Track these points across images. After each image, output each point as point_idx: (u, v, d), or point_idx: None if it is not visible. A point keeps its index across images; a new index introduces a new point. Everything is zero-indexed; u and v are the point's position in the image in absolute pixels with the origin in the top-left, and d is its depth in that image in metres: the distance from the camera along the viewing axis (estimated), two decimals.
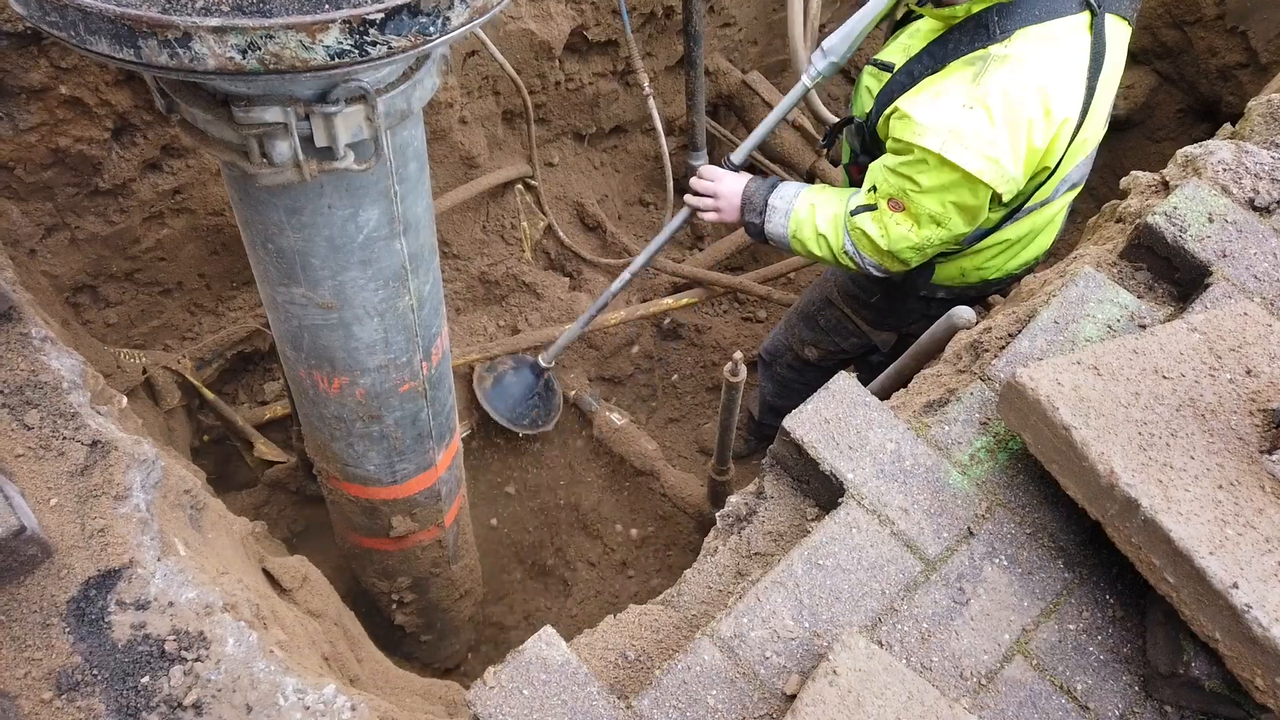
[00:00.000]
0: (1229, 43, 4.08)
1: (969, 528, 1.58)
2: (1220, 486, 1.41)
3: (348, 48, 1.30)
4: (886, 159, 2.32)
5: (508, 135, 3.98)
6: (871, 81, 2.46)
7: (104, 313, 3.11)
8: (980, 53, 2.17)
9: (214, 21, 1.23)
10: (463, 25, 1.39)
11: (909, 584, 1.53)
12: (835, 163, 4.11)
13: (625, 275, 3.29)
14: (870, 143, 2.49)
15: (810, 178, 4.39)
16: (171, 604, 1.59)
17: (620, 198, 4.64)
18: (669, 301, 4.13)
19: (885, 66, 2.41)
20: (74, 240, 2.86)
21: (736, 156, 2.82)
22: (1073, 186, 2.51)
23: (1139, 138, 4.56)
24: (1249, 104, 2.36)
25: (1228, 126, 2.47)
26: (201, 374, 3.33)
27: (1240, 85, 4.08)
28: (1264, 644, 1.25)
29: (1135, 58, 4.41)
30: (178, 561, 1.65)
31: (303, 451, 3.30)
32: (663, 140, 3.74)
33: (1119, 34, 2.31)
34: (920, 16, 2.43)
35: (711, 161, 4.32)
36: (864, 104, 2.50)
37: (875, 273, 2.49)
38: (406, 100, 1.64)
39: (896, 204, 2.31)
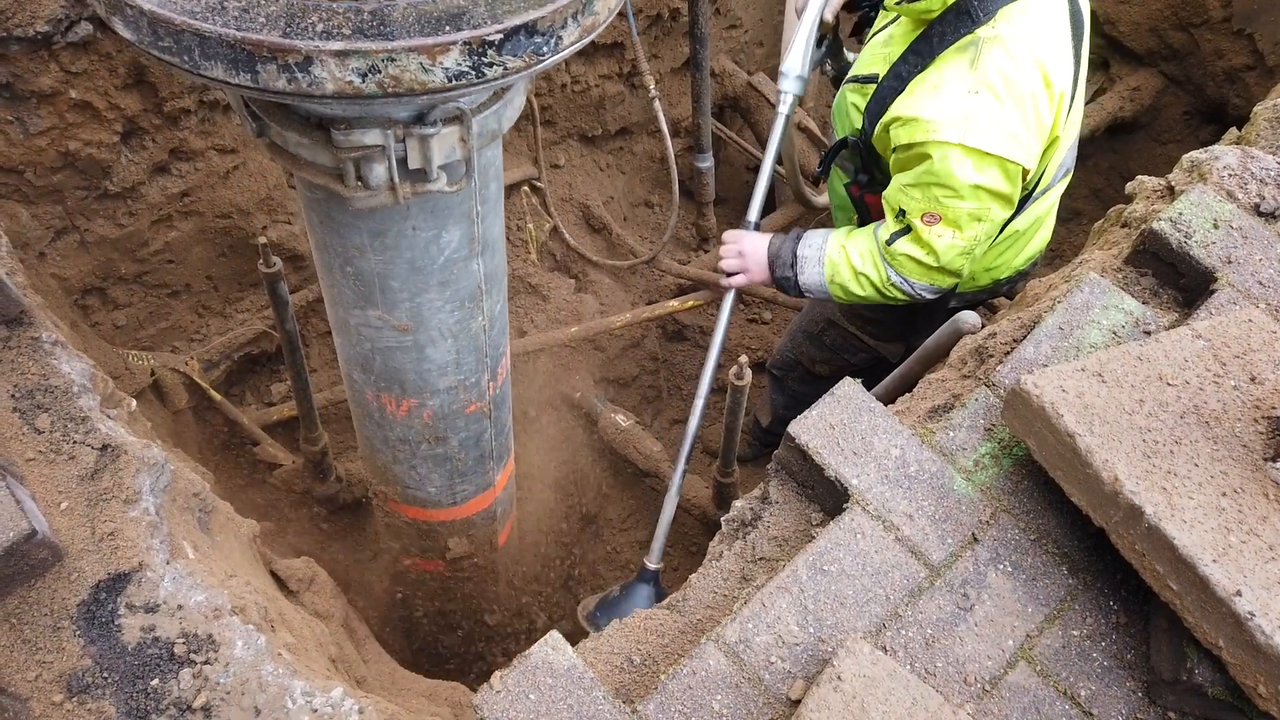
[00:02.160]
0: (1235, 45, 4.07)
1: (973, 534, 1.59)
2: (1224, 494, 1.41)
3: (465, 69, 1.29)
4: (901, 179, 2.28)
5: (513, 137, 3.99)
6: (856, 98, 2.44)
7: (113, 315, 3.12)
8: (969, 38, 2.17)
9: (336, 45, 1.22)
10: (573, 44, 1.39)
11: (913, 590, 1.54)
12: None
13: (699, 404, 2.90)
14: (869, 159, 2.47)
15: (815, 182, 4.40)
16: (180, 607, 1.60)
17: (626, 199, 4.65)
18: (674, 304, 4.14)
19: (868, 79, 2.39)
20: (83, 243, 2.88)
21: (751, 215, 2.74)
22: (1066, 173, 2.51)
23: (1145, 140, 4.55)
24: (1255, 109, 2.36)
25: (1234, 131, 2.47)
26: (209, 375, 3.35)
27: (1247, 88, 4.07)
28: (1267, 651, 1.25)
29: (1142, 60, 4.41)
30: (186, 564, 1.66)
31: (310, 453, 3.31)
32: (668, 142, 3.75)
33: (1087, 9, 2.34)
34: (889, 25, 2.42)
35: (716, 162, 4.33)
36: (853, 121, 2.47)
37: (929, 296, 2.42)
38: (498, 120, 1.63)
39: (932, 216, 2.25)
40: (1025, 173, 2.20)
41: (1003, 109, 2.12)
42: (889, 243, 2.35)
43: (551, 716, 1.40)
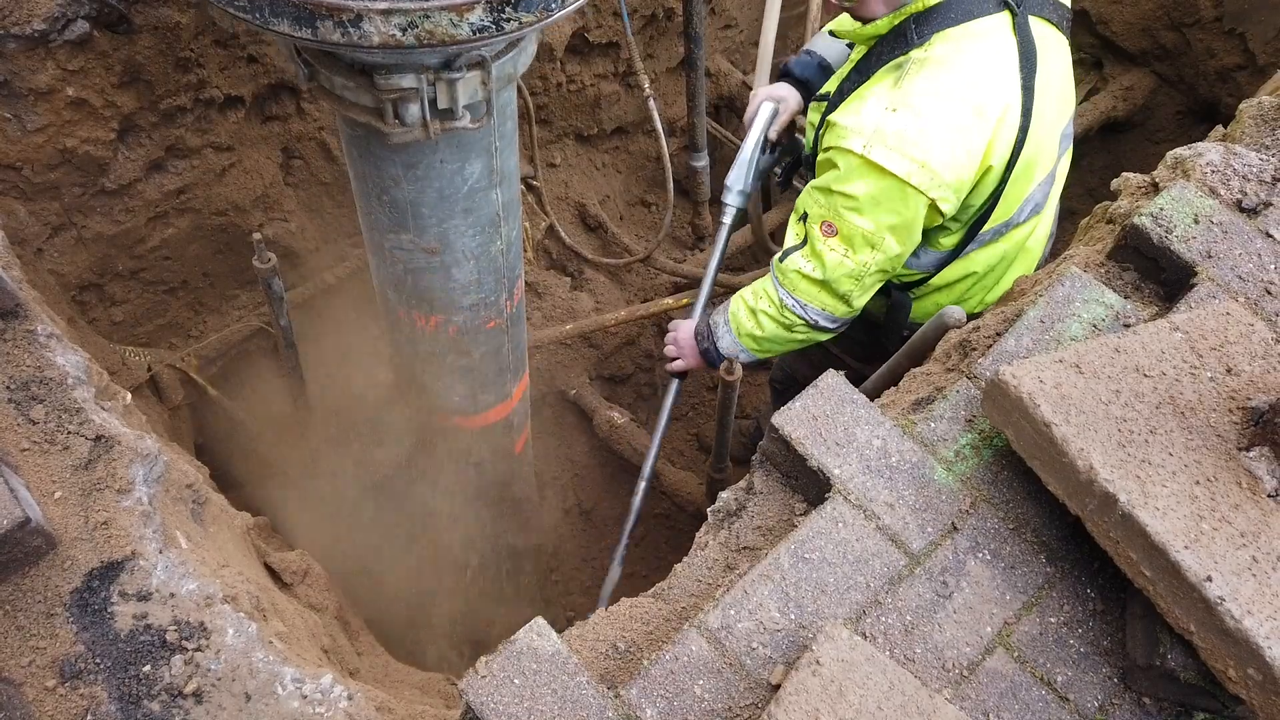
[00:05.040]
0: (1227, 44, 4.10)
1: (953, 523, 1.61)
2: (1198, 482, 1.43)
3: (487, 23, 1.54)
4: (815, 181, 2.27)
5: None
6: (814, 115, 2.44)
7: (110, 311, 3.15)
8: (900, 59, 2.17)
9: (382, 5, 1.48)
10: (576, 1, 1.66)
11: (893, 577, 1.56)
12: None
13: (642, 485, 2.84)
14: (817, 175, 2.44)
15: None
16: (173, 595, 1.63)
17: (622, 198, 4.68)
18: (669, 301, 4.17)
19: (823, 97, 2.40)
20: (80, 239, 2.90)
21: (694, 315, 2.72)
22: (1037, 209, 2.44)
23: (1138, 139, 4.58)
24: (1240, 106, 2.38)
25: (1219, 129, 2.49)
26: (205, 372, 3.37)
27: (1238, 87, 4.10)
28: (1236, 635, 1.28)
29: (1134, 59, 4.43)
30: (179, 554, 1.69)
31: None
32: (664, 141, 3.77)
33: (1051, 41, 2.28)
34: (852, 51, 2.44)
35: (711, 161, 4.36)
36: (809, 139, 2.47)
37: (825, 323, 2.37)
38: (514, 65, 1.89)
39: (829, 226, 2.22)
40: (930, 204, 2.15)
41: (918, 132, 2.08)
42: (782, 259, 2.33)
43: (536, 701, 1.42)
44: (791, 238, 2.34)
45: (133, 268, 3.10)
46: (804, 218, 2.30)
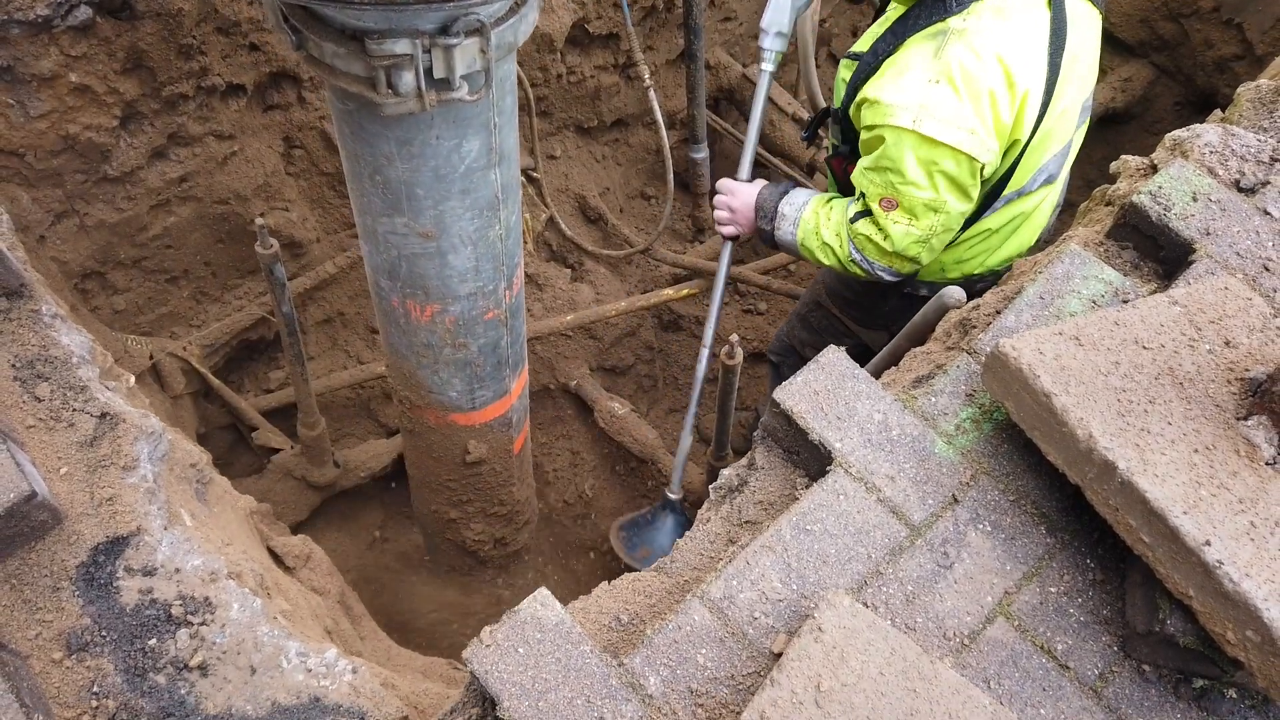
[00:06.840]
0: (1225, 35, 4.11)
1: (954, 495, 1.62)
2: (1196, 450, 1.44)
3: None
4: (863, 162, 2.34)
5: None
6: (845, 72, 2.49)
7: (112, 299, 3.16)
8: (939, 26, 2.21)
9: None
10: None
11: (894, 548, 1.57)
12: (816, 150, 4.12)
13: (705, 352, 3.17)
14: (847, 132, 2.52)
15: (810, 171, 4.43)
16: (178, 570, 1.64)
17: (622, 190, 4.69)
18: (669, 292, 4.18)
19: (856, 56, 2.44)
20: (83, 227, 2.91)
21: (742, 173, 2.86)
22: (1050, 179, 2.51)
23: (1137, 130, 4.59)
24: (1239, 89, 2.39)
25: (1218, 112, 2.50)
26: (207, 361, 3.38)
27: (1236, 77, 4.10)
28: (1234, 598, 1.29)
29: (1132, 51, 4.44)
30: (184, 530, 1.70)
31: (307, 439, 3.34)
32: (664, 133, 3.78)
33: (1084, 15, 2.34)
34: (888, 8, 2.46)
35: (711, 154, 4.36)
36: (839, 95, 2.53)
37: (888, 277, 2.48)
38: (514, 33, 1.80)
39: (889, 202, 2.31)
40: (981, 167, 2.23)
41: (960, 102, 2.15)
42: (853, 220, 2.43)
43: (540, 670, 1.43)
44: (857, 203, 2.43)
45: (135, 256, 3.11)
46: (862, 196, 2.38)
